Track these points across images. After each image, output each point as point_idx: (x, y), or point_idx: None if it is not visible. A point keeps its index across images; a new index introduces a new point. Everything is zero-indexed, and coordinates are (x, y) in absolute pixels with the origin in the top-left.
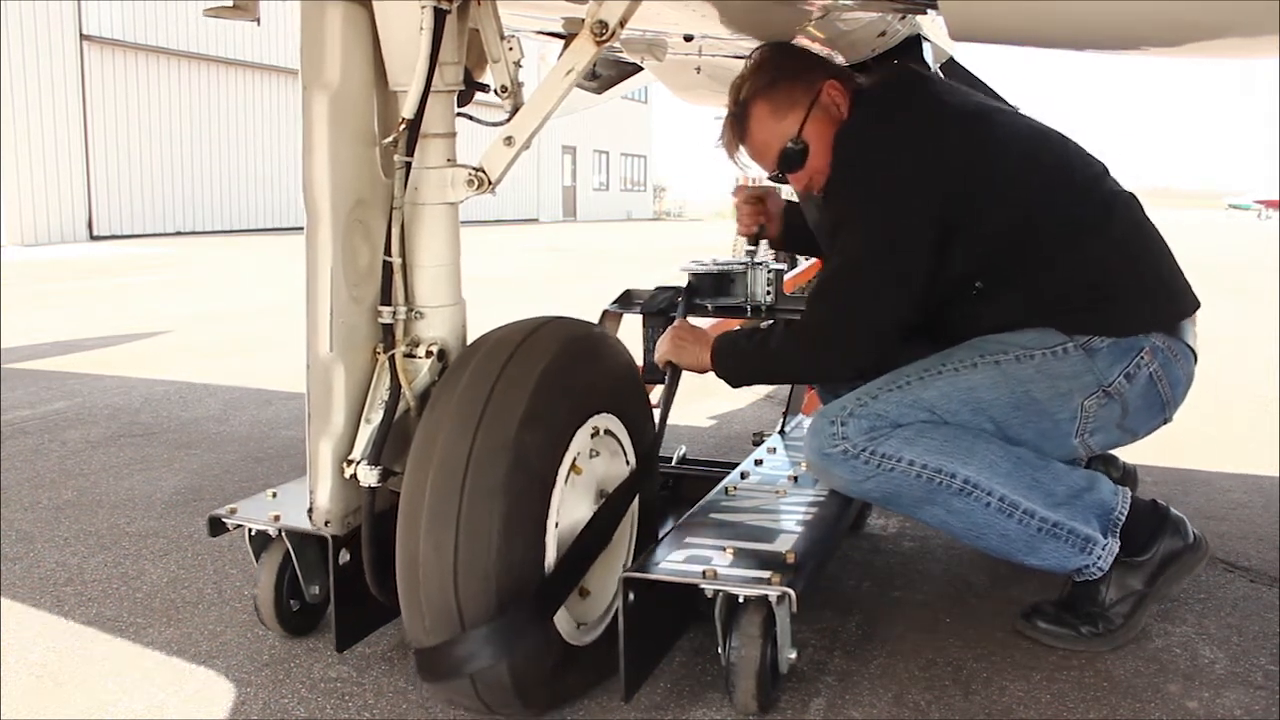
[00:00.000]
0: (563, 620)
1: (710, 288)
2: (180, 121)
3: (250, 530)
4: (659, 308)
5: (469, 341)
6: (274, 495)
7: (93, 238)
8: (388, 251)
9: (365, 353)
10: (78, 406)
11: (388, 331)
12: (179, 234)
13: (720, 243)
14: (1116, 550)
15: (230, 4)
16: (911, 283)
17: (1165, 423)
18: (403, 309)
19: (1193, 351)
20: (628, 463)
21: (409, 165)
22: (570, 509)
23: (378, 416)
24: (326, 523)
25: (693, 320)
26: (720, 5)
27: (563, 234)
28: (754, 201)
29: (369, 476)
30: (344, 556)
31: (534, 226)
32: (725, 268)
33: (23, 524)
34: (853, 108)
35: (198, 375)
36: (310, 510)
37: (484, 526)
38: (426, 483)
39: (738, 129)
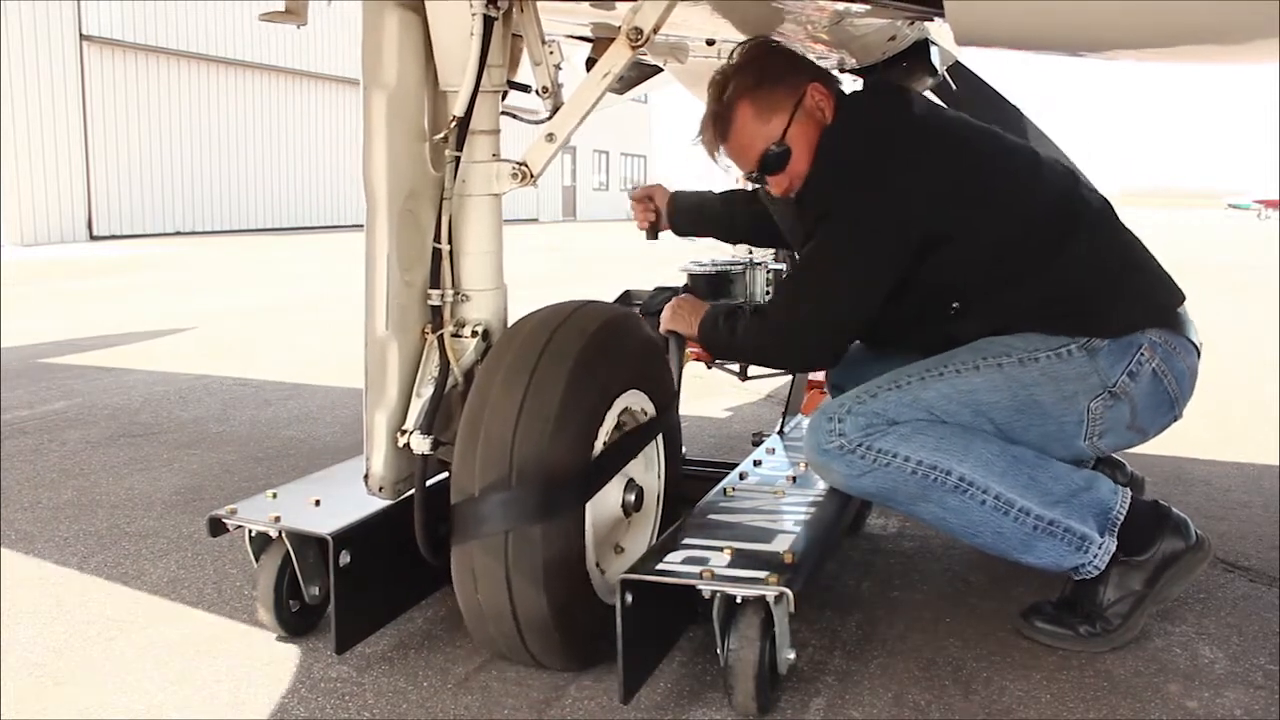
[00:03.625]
0: (589, 549)
1: (709, 288)
2: (180, 121)
3: (250, 531)
4: (658, 308)
5: (510, 323)
6: (274, 496)
7: (92, 238)
8: (437, 239)
9: (416, 332)
10: (77, 406)
11: (436, 313)
12: (179, 234)
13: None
14: (1113, 549)
15: (282, 8)
16: (874, 288)
17: (1176, 419)
18: (450, 292)
19: (1194, 345)
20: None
21: (458, 159)
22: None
23: (428, 391)
24: (381, 488)
25: None
26: (744, 12)
27: (563, 234)
28: (643, 200)
29: (421, 445)
30: (344, 558)
31: (534, 226)
32: (724, 268)
33: (23, 524)
34: (836, 111)
35: (198, 375)
36: (366, 477)
37: (554, 382)
38: (510, 348)
39: (719, 128)
